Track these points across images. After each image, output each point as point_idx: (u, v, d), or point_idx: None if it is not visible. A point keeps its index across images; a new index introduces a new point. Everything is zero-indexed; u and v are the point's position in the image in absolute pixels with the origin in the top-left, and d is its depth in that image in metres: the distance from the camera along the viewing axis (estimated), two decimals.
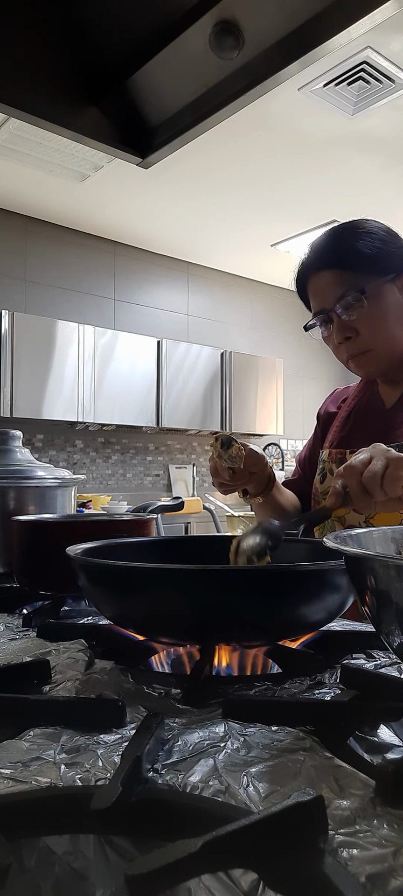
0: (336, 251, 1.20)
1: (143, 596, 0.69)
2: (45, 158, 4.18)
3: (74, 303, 5.42)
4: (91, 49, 1.04)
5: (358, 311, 1.17)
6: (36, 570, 1.08)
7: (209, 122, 1.06)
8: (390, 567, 0.51)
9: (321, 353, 7.12)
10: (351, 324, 1.18)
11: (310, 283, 1.24)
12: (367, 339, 1.19)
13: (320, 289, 1.21)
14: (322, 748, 0.48)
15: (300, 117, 3.80)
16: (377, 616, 0.54)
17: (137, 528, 1.12)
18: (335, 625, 0.86)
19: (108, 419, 5.17)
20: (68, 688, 0.64)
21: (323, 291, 1.20)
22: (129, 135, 1.14)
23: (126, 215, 5.17)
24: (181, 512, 2.05)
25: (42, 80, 1.04)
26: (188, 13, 0.92)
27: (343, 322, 1.18)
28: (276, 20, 0.91)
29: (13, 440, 1.42)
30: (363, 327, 1.18)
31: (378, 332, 1.19)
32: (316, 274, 1.22)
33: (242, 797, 0.41)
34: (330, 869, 0.32)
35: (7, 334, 4.61)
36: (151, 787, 0.43)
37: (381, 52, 3.24)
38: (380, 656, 0.74)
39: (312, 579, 0.69)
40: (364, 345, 1.19)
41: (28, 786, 0.43)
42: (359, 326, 1.18)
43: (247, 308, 6.62)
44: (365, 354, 1.21)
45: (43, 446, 5.23)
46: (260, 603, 0.67)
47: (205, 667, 0.65)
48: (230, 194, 4.80)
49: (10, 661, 0.73)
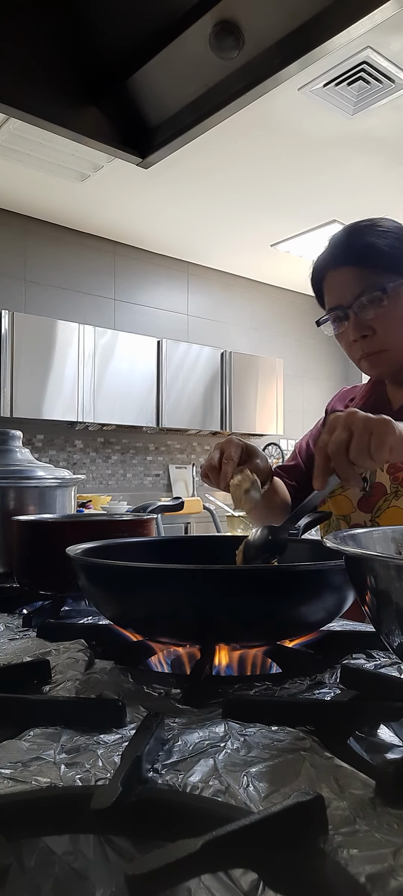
0: (357, 248, 1.18)
1: (143, 596, 0.69)
2: (45, 158, 4.18)
3: (74, 303, 5.42)
4: (91, 49, 1.04)
5: (377, 309, 1.16)
6: (36, 570, 1.08)
7: (209, 122, 1.06)
8: (390, 567, 0.51)
9: (321, 353, 7.13)
10: (369, 322, 1.17)
11: (328, 278, 1.22)
12: (383, 339, 1.18)
13: (338, 285, 1.20)
14: (322, 748, 0.48)
15: (300, 117, 3.80)
16: (377, 616, 0.54)
17: (137, 528, 1.12)
18: (335, 625, 0.86)
19: (108, 419, 5.17)
20: (68, 688, 0.63)
21: (342, 287, 1.19)
22: (129, 135, 1.14)
23: (126, 215, 5.17)
24: (181, 512, 2.05)
25: (42, 80, 1.04)
26: (188, 13, 0.92)
27: (361, 320, 1.17)
28: (276, 20, 0.91)
29: (13, 440, 1.42)
30: (380, 326, 1.17)
31: (395, 332, 1.18)
32: (335, 269, 1.20)
33: (242, 797, 0.41)
34: (330, 869, 0.32)
35: (7, 334, 4.61)
36: (151, 787, 0.43)
37: (381, 52, 3.24)
38: (380, 656, 0.74)
39: (312, 579, 0.69)
40: (380, 344, 1.18)
41: (28, 786, 0.43)
42: (376, 325, 1.17)
43: (247, 308, 6.62)
44: (380, 354, 1.20)
45: (43, 446, 5.23)
46: (260, 603, 0.67)
47: (205, 667, 0.65)
48: (230, 194, 4.80)
49: (10, 661, 0.73)
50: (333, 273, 1.21)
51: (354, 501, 1.24)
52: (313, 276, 1.26)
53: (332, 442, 0.80)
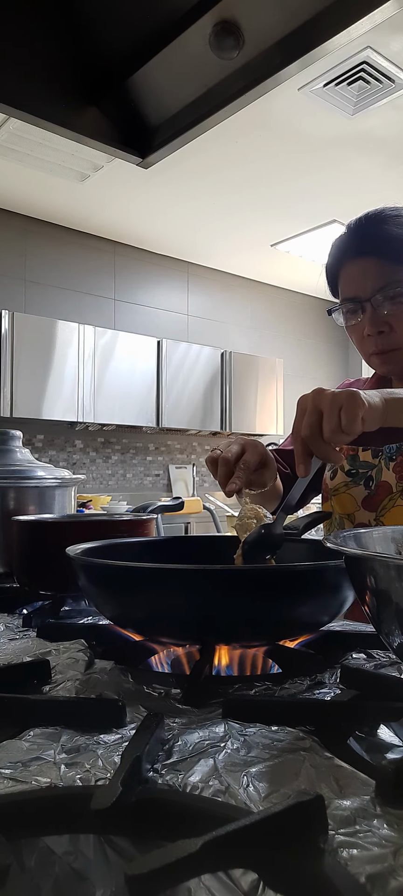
0: (382, 238, 1.14)
1: (143, 596, 0.69)
2: (45, 158, 4.18)
3: (74, 303, 5.42)
4: (91, 49, 1.04)
5: (397, 306, 1.13)
6: (36, 570, 1.08)
7: (209, 122, 1.06)
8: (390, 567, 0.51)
9: (321, 353, 7.13)
10: (386, 318, 1.14)
11: (346, 267, 1.18)
12: (400, 337, 1.15)
13: (357, 275, 1.16)
14: (322, 748, 0.48)
15: (300, 117, 3.80)
16: (377, 616, 0.54)
17: (137, 528, 1.12)
18: (335, 625, 0.86)
19: (108, 419, 5.17)
20: (68, 688, 0.63)
21: (361, 279, 1.15)
22: (129, 135, 1.14)
23: (126, 215, 5.17)
24: (181, 512, 2.05)
25: (42, 80, 1.04)
26: (188, 13, 0.92)
27: (378, 314, 1.14)
28: (276, 20, 0.91)
29: (13, 440, 1.42)
30: (397, 323, 1.14)
31: None
32: (354, 259, 1.16)
33: (242, 797, 0.41)
34: (329, 869, 0.32)
35: (7, 334, 4.61)
36: (151, 787, 0.43)
37: (381, 52, 3.24)
38: (380, 656, 0.74)
39: (312, 579, 0.69)
40: (396, 342, 1.15)
41: (28, 786, 0.43)
42: (394, 322, 1.14)
43: (247, 308, 6.62)
44: (394, 352, 1.17)
45: (43, 446, 5.23)
46: (261, 603, 0.67)
47: (205, 667, 0.65)
48: (230, 194, 4.80)
49: (10, 661, 0.73)
50: (353, 262, 1.17)
51: (358, 500, 1.22)
52: (330, 261, 1.22)
53: (304, 426, 0.80)
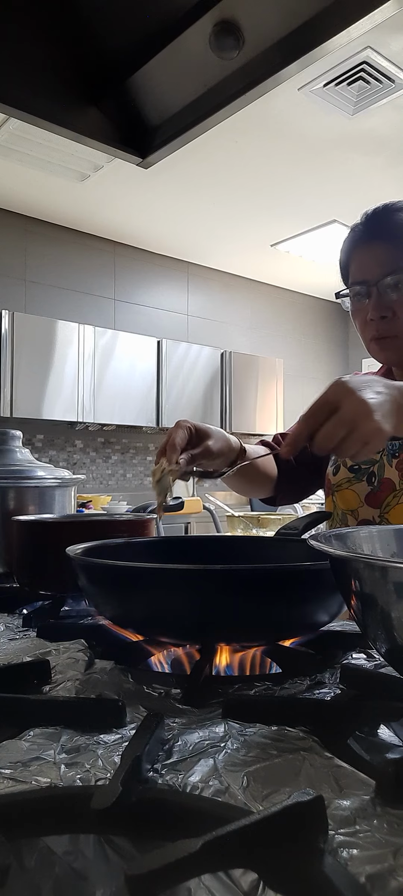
0: (392, 225, 1.16)
1: (143, 596, 0.69)
2: (45, 158, 4.18)
3: (74, 303, 5.42)
4: (91, 49, 1.04)
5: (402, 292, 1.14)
6: (36, 570, 1.08)
7: (209, 122, 1.06)
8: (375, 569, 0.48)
9: (321, 353, 7.13)
10: (391, 303, 1.15)
11: (357, 251, 1.21)
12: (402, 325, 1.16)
13: (366, 259, 1.18)
14: (322, 748, 0.48)
15: (300, 117, 3.80)
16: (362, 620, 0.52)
17: (137, 528, 1.12)
18: (335, 625, 0.86)
19: (108, 419, 5.17)
20: (68, 688, 0.63)
21: (370, 262, 1.17)
22: (129, 135, 1.14)
23: (126, 215, 5.17)
24: (181, 512, 2.04)
25: (42, 80, 1.04)
26: (188, 13, 0.92)
27: (383, 299, 1.15)
28: (276, 20, 0.91)
29: (13, 440, 1.42)
30: (401, 310, 1.15)
31: None
32: (366, 244, 1.19)
33: (242, 797, 0.41)
34: (329, 869, 0.32)
35: (7, 334, 4.61)
36: (151, 787, 0.43)
37: (381, 52, 3.24)
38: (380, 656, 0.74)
39: (312, 579, 0.69)
40: (396, 329, 1.17)
41: (28, 786, 0.43)
42: (397, 308, 1.15)
43: (247, 308, 6.62)
44: (393, 339, 1.18)
45: (43, 446, 5.23)
46: (260, 603, 0.67)
47: (205, 667, 0.65)
48: (230, 194, 4.80)
49: (10, 661, 0.73)
50: (364, 247, 1.19)
51: (361, 496, 1.22)
52: (343, 248, 1.24)
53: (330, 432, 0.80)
